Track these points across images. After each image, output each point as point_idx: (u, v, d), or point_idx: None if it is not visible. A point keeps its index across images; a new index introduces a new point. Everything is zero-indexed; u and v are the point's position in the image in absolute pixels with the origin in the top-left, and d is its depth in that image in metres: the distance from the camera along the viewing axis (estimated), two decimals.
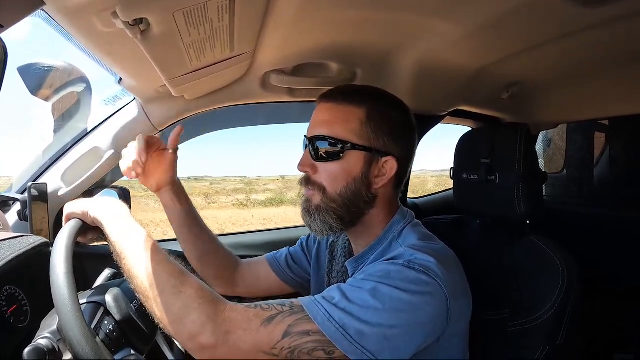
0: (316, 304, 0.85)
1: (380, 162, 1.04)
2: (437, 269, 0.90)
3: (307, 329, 0.82)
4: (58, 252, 0.86)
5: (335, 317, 0.82)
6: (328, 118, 1.06)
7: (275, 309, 0.84)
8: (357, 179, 1.03)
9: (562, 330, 1.09)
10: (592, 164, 2.52)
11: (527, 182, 1.22)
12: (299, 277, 1.37)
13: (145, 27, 0.79)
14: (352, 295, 0.86)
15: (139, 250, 0.88)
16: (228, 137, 32.90)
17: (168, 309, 0.81)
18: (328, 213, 1.05)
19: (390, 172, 1.05)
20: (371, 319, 0.83)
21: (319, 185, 1.05)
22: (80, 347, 0.77)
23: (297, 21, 1.03)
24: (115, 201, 1.01)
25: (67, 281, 0.82)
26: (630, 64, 1.40)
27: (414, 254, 0.94)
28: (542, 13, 1.01)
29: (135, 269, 0.87)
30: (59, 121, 1.61)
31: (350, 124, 1.03)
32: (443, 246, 1.04)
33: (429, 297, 0.87)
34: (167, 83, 1.14)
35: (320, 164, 1.05)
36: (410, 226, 1.09)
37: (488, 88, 1.68)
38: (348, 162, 1.03)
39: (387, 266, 0.92)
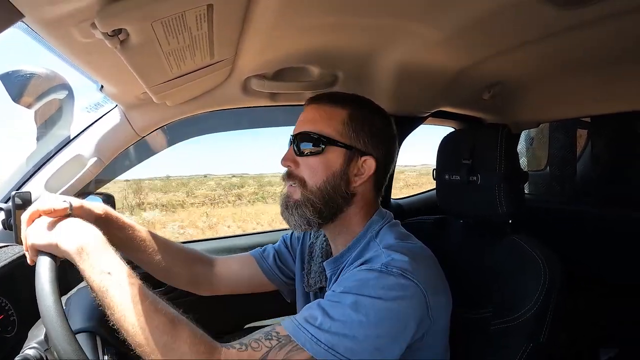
0: (301, 329, 0.86)
1: (359, 161, 1.08)
2: (413, 268, 0.92)
3: (298, 359, 0.84)
4: (49, 308, 0.77)
5: (322, 340, 0.84)
6: (313, 117, 1.11)
7: (264, 346, 0.84)
8: (336, 174, 1.07)
9: (544, 329, 1.10)
10: (574, 161, 2.55)
11: (508, 182, 1.23)
12: (285, 276, 1.37)
13: (124, 37, 0.79)
14: (333, 312, 0.87)
15: (124, 300, 0.81)
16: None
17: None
18: (307, 207, 1.07)
19: (368, 171, 1.08)
20: (358, 333, 0.84)
21: (300, 178, 1.09)
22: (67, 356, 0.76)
23: (277, 27, 1.03)
24: (85, 228, 0.90)
25: (67, 335, 0.76)
26: (609, 64, 1.42)
27: (390, 254, 0.96)
28: (521, 15, 1.02)
29: (122, 324, 0.81)
30: (42, 128, 1.60)
31: (332, 122, 1.08)
32: (420, 245, 1.07)
33: (409, 300, 0.90)
34: (148, 90, 1.14)
35: (302, 159, 1.09)
36: (388, 226, 1.11)
37: (469, 89, 1.69)
38: (328, 157, 1.07)
39: (364, 274, 0.93)
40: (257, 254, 1.40)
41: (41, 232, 0.87)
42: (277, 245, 1.42)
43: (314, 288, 1.23)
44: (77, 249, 0.84)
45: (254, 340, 0.86)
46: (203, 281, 1.33)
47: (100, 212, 1.08)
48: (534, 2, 0.93)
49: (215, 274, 1.35)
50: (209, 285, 1.34)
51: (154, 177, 15.46)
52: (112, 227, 1.10)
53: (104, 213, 1.09)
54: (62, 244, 0.84)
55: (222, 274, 1.35)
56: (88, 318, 1.03)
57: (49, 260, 0.84)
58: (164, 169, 16.50)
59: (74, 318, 1.02)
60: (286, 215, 1.12)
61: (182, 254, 1.30)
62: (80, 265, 0.83)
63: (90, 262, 0.83)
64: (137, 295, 0.82)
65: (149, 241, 1.20)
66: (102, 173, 1.53)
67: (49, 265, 0.83)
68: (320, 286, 1.21)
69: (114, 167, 1.61)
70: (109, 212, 1.12)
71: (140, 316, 0.80)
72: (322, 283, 1.20)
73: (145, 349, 0.79)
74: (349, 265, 1.05)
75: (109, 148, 1.48)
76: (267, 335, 0.86)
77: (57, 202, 0.91)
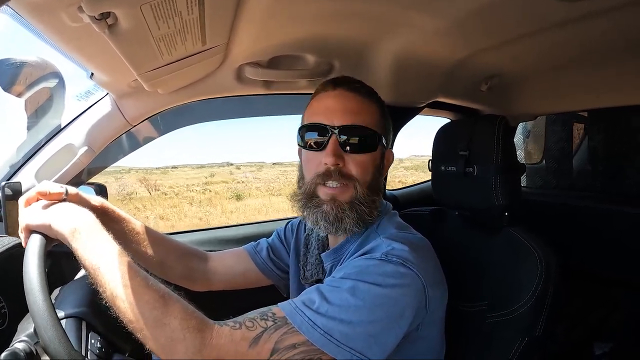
0: (298, 311, 0.85)
1: (386, 155, 1.11)
2: (413, 258, 0.92)
3: (293, 342, 0.82)
4: (31, 280, 0.79)
5: (318, 323, 0.83)
6: (357, 108, 1.04)
7: (259, 326, 0.83)
8: (378, 169, 1.08)
9: (541, 322, 1.10)
10: (570, 155, 2.55)
11: (505, 174, 1.23)
12: (280, 269, 1.37)
13: (113, 22, 0.77)
14: (331, 296, 0.87)
15: (115, 277, 0.81)
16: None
17: (154, 341, 0.79)
18: (359, 206, 1.03)
19: (388, 164, 1.11)
20: (353, 318, 0.84)
21: (350, 177, 1.03)
22: (59, 356, 0.75)
23: (272, 13, 1.02)
24: (79, 211, 0.91)
25: (46, 305, 0.77)
26: (607, 58, 1.42)
27: (391, 244, 0.95)
28: (521, 6, 1.02)
29: (114, 300, 0.81)
30: (32, 117, 1.58)
31: (373, 116, 1.06)
32: (419, 236, 1.06)
33: (407, 288, 0.89)
34: (139, 78, 1.12)
35: (348, 155, 1.03)
36: (388, 217, 1.11)
37: (467, 80, 1.69)
38: (376, 152, 1.06)
39: (364, 261, 0.93)
40: (250, 249, 1.39)
41: (36, 212, 0.90)
42: (271, 239, 1.41)
43: (311, 280, 1.22)
44: (71, 229, 0.85)
45: (248, 319, 0.85)
46: (197, 276, 1.33)
47: (97, 204, 1.09)
48: None
49: (210, 269, 1.35)
50: (204, 281, 1.34)
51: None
52: (107, 219, 1.10)
53: (100, 205, 1.11)
54: (55, 224, 0.86)
55: (217, 269, 1.35)
56: (76, 305, 1.03)
57: (39, 237, 0.86)
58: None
59: (63, 306, 1.02)
60: (336, 223, 1.04)
61: (177, 249, 1.30)
62: (72, 245, 0.84)
63: (83, 241, 0.84)
64: (128, 272, 0.82)
65: (144, 234, 1.21)
66: (94, 162, 1.51)
67: (38, 242, 0.85)
68: (317, 278, 1.20)
69: (105, 157, 1.59)
70: (105, 204, 1.13)
71: (131, 292, 0.80)
72: (320, 275, 1.19)
73: (136, 325, 0.79)
74: (350, 256, 1.04)
75: (100, 137, 1.46)
76: (262, 315, 0.86)
77: (53, 186, 0.95)
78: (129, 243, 1.17)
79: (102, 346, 0.97)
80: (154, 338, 0.79)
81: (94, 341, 0.96)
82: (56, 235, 0.87)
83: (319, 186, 1.05)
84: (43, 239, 0.87)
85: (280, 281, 1.39)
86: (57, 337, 0.74)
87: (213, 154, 28.30)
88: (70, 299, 1.06)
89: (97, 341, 0.97)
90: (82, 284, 1.13)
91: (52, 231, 0.87)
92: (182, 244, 1.33)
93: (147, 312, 0.79)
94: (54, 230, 0.86)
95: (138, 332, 0.80)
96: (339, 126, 1.01)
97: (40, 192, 0.93)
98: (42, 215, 0.89)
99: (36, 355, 0.86)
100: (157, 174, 20.96)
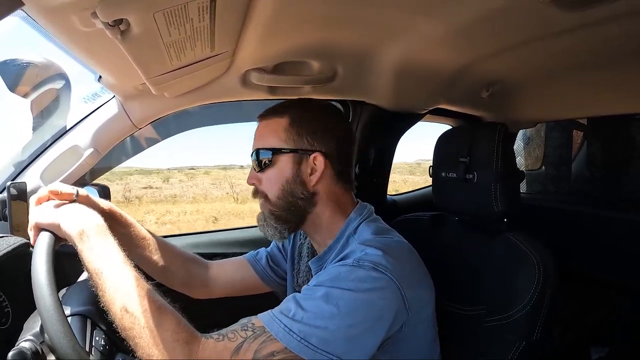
0: (275, 320, 0.88)
1: (309, 160, 1.11)
2: (386, 262, 0.94)
3: (272, 350, 0.85)
4: (39, 275, 0.79)
5: (294, 330, 0.86)
6: (260, 133, 1.16)
7: (239, 337, 0.86)
8: (289, 180, 1.11)
9: (538, 326, 1.11)
10: (570, 162, 2.56)
11: (504, 180, 1.24)
12: (278, 277, 1.41)
13: (125, 27, 0.78)
14: (306, 304, 0.90)
15: (115, 283, 0.84)
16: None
17: (145, 351, 0.81)
18: (272, 219, 1.13)
19: (320, 166, 1.11)
20: (329, 324, 0.86)
21: (262, 193, 1.15)
22: (64, 352, 0.76)
23: (277, 20, 1.03)
24: (88, 213, 0.93)
25: (53, 300, 0.78)
26: (608, 66, 1.43)
27: (364, 249, 0.98)
28: (524, 14, 1.02)
29: (111, 306, 0.83)
30: (38, 118, 1.59)
31: (276, 132, 1.13)
32: (397, 239, 1.08)
33: (381, 291, 0.91)
34: (147, 82, 1.13)
35: (261, 175, 1.15)
36: (367, 222, 1.12)
37: (468, 86, 1.69)
38: (279, 166, 1.12)
39: (337, 268, 0.95)
40: (250, 258, 1.43)
41: (46, 211, 0.92)
42: (270, 248, 1.45)
43: (303, 287, 1.24)
44: (79, 231, 0.87)
45: (230, 331, 0.88)
46: (198, 283, 1.35)
47: (105, 207, 1.11)
48: (538, 3, 0.93)
49: (211, 277, 1.37)
50: (204, 288, 1.37)
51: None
52: (115, 223, 1.12)
53: (109, 209, 1.12)
54: (64, 224, 0.88)
55: (217, 276, 1.38)
56: (82, 304, 1.03)
57: (48, 235, 0.88)
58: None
59: (69, 304, 1.03)
60: (262, 229, 1.18)
61: (179, 255, 1.33)
62: (78, 246, 0.86)
63: (90, 244, 0.86)
64: (129, 280, 0.85)
65: (149, 240, 1.23)
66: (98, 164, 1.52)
67: (47, 240, 0.87)
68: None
69: (109, 159, 1.60)
70: (113, 208, 1.15)
71: (129, 301, 0.83)
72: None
73: (130, 332, 0.82)
74: (331, 262, 1.07)
75: (105, 139, 1.47)
76: (243, 326, 0.88)
77: (65, 186, 0.98)
78: (134, 248, 1.19)
79: (106, 344, 0.98)
80: (146, 347, 0.81)
81: (98, 338, 0.97)
82: (64, 235, 0.88)
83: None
84: (52, 237, 0.88)
85: (279, 288, 1.43)
86: (63, 332, 0.75)
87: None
88: (76, 298, 1.07)
89: (102, 339, 0.98)
90: (87, 285, 1.14)
91: (60, 231, 0.88)
92: (184, 251, 1.36)
93: (142, 321, 0.82)
94: (63, 230, 0.88)
95: (130, 339, 0.82)
96: (251, 153, 1.16)
97: (52, 190, 0.96)
98: (52, 214, 0.90)
99: (42, 354, 0.86)
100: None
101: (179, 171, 16.99)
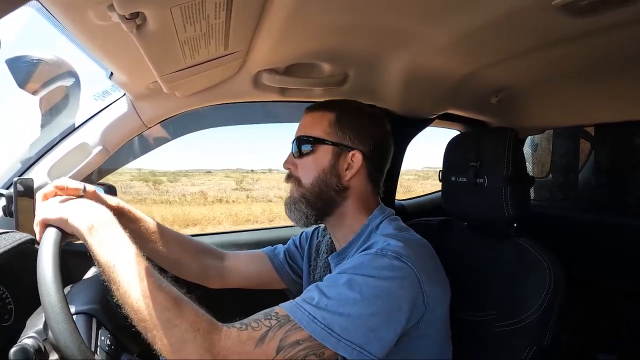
0: (299, 308, 0.88)
1: (347, 156, 1.17)
2: (408, 253, 0.96)
3: (297, 338, 0.85)
4: (45, 273, 0.78)
5: (318, 317, 0.86)
6: (305, 123, 1.23)
7: (264, 326, 0.85)
8: (326, 170, 1.17)
9: (549, 331, 1.10)
10: (577, 169, 2.55)
11: (515, 185, 1.23)
12: (295, 273, 1.42)
13: (141, 22, 0.78)
14: (329, 291, 0.90)
15: (129, 276, 0.82)
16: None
17: (164, 342, 0.80)
18: (302, 202, 1.18)
19: (357, 164, 1.16)
20: (351, 311, 0.87)
21: (296, 177, 1.21)
22: (69, 350, 0.74)
23: (291, 23, 1.03)
24: (96, 207, 0.92)
25: (59, 298, 0.76)
26: (616, 73, 1.42)
27: (387, 240, 1.01)
28: (532, 21, 1.02)
29: (127, 299, 0.81)
30: (47, 115, 1.58)
31: (321, 125, 1.19)
32: (418, 237, 1.11)
33: (402, 280, 0.93)
34: (159, 79, 1.13)
35: (299, 161, 1.21)
36: (388, 220, 1.15)
37: (477, 92, 1.69)
38: (318, 155, 1.18)
39: (360, 257, 0.97)
40: (268, 251, 1.45)
41: (53, 207, 0.90)
42: (287, 245, 1.47)
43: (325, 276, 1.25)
44: (88, 225, 0.86)
45: (253, 320, 0.87)
46: (213, 273, 1.36)
47: (113, 204, 1.11)
48: (547, 10, 0.94)
49: (226, 267, 1.38)
50: (219, 278, 1.37)
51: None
52: (124, 219, 1.11)
53: (117, 205, 1.13)
54: (72, 219, 0.86)
55: (233, 267, 1.39)
56: (87, 302, 1.04)
57: (55, 231, 0.86)
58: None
59: (74, 302, 1.03)
60: (288, 212, 1.22)
61: (192, 246, 1.33)
62: (88, 241, 0.85)
63: (100, 237, 0.85)
64: (143, 271, 0.83)
65: (159, 233, 1.23)
66: (106, 162, 1.52)
67: (54, 236, 0.85)
68: None
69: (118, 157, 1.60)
70: (121, 204, 1.15)
71: (145, 292, 0.81)
72: None
73: (148, 324, 0.80)
74: (353, 256, 1.07)
75: (114, 137, 1.47)
76: (266, 315, 0.88)
77: (71, 181, 0.97)
78: (146, 242, 1.19)
79: (111, 344, 0.97)
80: (164, 338, 0.80)
81: (103, 338, 0.97)
82: (72, 230, 0.87)
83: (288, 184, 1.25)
84: (59, 233, 0.86)
85: (294, 285, 1.43)
86: (69, 330, 0.74)
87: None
88: (81, 296, 1.07)
89: (107, 338, 0.98)
90: (93, 283, 1.14)
91: (68, 226, 0.87)
92: (197, 241, 1.36)
93: (159, 312, 0.80)
94: (71, 225, 0.86)
95: (148, 332, 0.81)
96: (293, 141, 1.23)
97: (58, 186, 0.95)
98: (59, 209, 0.89)
99: (44, 352, 0.85)
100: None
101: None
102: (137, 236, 1.15)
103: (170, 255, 1.25)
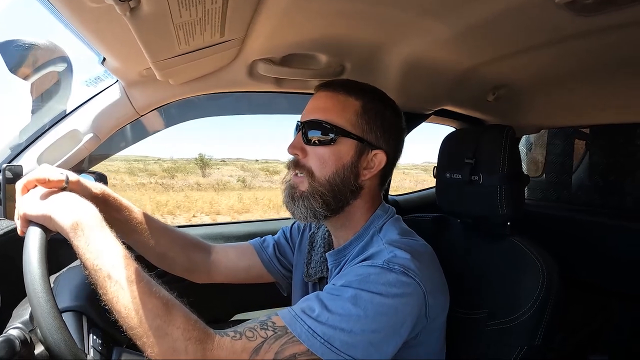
0: (297, 319, 0.85)
1: (370, 154, 1.07)
2: (415, 267, 0.91)
3: (294, 352, 0.82)
4: (34, 280, 0.74)
5: (318, 332, 0.83)
6: (325, 105, 1.08)
7: (259, 336, 0.82)
8: (346, 167, 1.06)
9: (541, 331, 1.09)
10: (571, 169, 2.56)
11: (510, 183, 1.23)
12: (284, 268, 1.37)
13: (136, 4, 0.76)
14: (332, 305, 0.87)
15: (118, 281, 0.78)
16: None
17: (155, 351, 0.77)
18: (315, 199, 1.06)
19: (378, 165, 1.08)
20: (354, 327, 0.84)
21: (308, 169, 1.07)
22: (55, 342, 0.72)
23: (289, 11, 1.02)
24: (80, 203, 0.85)
25: (49, 304, 0.73)
26: (615, 74, 1.43)
27: (393, 250, 0.95)
28: (534, 18, 1.02)
29: (115, 305, 0.77)
30: (38, 101, 1.56)
31: (346, 113, 1.06)
32: (422, 243, 1.07)
33: (409, 297, 0.89)
34: (153, 66, 1.11)
35: (310, 148, 1.07)
36: (391, 221, 1.11)
37: (474, 89, 1.69)
38: (340, 148, 1.05)
39: (366, 269, 0.92)
40: (256, 244, 1.38)
41: (35, 202, 0.83)
42: (277, 237, 1.41)
43: (314, 278, 1.22)
44: (72, 224, 0.79)
45: (248, 329, 0.84)
46: (199, 268, 1.31)
47: (98, 192, 1.04)
48: (550, 7, 0.93)
49: (213, 262, 1.33)
50: (205, 273, 1.32)
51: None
52: (108, 208, 1.07)
53: (101, 192, 1.06)
54: (56, 216, 0.80)
55: (220, 262, 1.34)
56: (76, 297, 1.01)
57: (39, 232, 0.80)
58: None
59: (61, 296, 1.00)
60: (291, 206, 1.10)
61: (180, 239, 1.28)
62: (74, 242, 0.79)
63: (85, 239, 0.79)
64: (132, 276, 0.79)
65: (146, 224, 1.17)
66: (96, 150, 1.50)
67: (39, 237, 0.79)
68: (321, 276, 1.21)
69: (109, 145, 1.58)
70: (106, 191, 1.08)
71: (134, 298, 0.77)
72: (323, 273, 1.20)
73: (138, 331, 0.77)
74: (352, 259, 1.05)
75: (106, 125, 1.45)
76: (262, 324, 0.85)
77: (53, 172, 0.87)
78: (131, 232, 1.14)
79: (103, 342, 0.95)
80: (155, 347, 0.77)
81: (95, 337, 0.94)
82: (56, 228, 0.81)
83: (289, 172, 1.12)
84: (43, 233, 0.80)
85: (283, 280, 1.38)
86: (63, 340, 0.72)
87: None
88: (67, 289, 1.04)
89: (99, 337, 0.95)
90: (78, 273, 1.11)
91: (52, 223, 0.81)
92: (185, 234, 1.30)
93: (149, 320, 0.77)
94: (54, 222, 0.80)
95: (138, 339, 0.77)
96: (304, 122, 1.07)
97: (39, 179, 0.85)
98: (41, 205, 0.82)
99: (30, 343, 0.83)
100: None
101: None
102: (122, 226, 1.10)
103: (157, 248, 1.20)
